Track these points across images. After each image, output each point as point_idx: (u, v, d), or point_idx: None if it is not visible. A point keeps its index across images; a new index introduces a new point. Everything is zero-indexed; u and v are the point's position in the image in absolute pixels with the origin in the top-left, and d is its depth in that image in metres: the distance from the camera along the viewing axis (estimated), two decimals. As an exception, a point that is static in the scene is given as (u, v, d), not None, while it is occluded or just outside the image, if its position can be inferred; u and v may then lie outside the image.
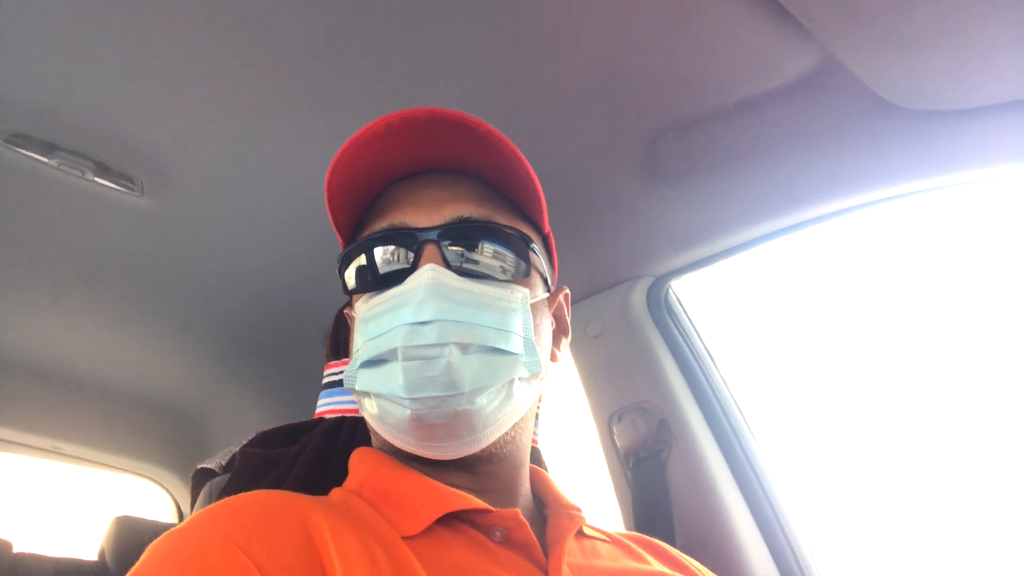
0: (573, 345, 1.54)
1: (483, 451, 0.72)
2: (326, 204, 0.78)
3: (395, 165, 0.78)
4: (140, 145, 1.22)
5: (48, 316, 1.76)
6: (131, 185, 1.32)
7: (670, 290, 1.51)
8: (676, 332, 1.48)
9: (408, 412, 0.68)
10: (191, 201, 1.37)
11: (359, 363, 0.73)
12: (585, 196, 1.30)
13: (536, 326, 0.77)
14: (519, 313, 0.74)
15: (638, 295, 1.48)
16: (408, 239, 0.74)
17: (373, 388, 0.71)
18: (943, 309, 1.41)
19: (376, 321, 0.72)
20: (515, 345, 0.72)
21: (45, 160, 1.24)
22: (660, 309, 1.49)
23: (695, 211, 1.32)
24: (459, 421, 0.69)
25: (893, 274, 1.49)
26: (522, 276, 0.77)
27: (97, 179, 1.29)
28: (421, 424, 0.69)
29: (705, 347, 1.47)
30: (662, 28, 0.96)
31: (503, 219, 0.78)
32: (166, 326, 1.82)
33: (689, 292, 1.52)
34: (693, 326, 1.49)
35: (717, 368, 1.45)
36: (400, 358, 0.68)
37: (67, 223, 1.44)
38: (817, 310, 1.61)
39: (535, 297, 0.78)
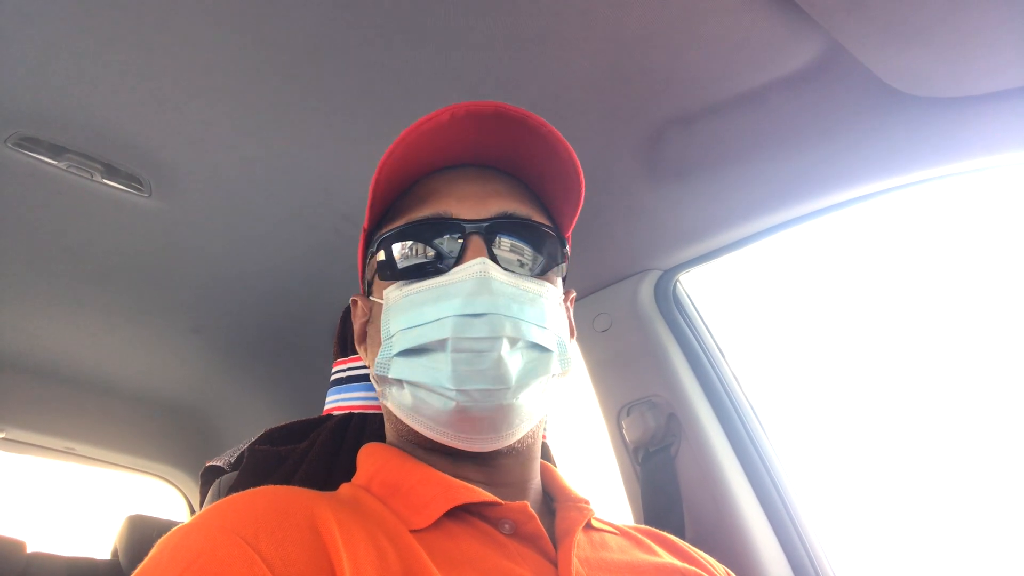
0: (581, 340, 1.54)
1: (511, 445, 0.74)
2: (371, 186, 0.77)
3: (452, 156, 0.79)
4: (148, 147, 1.23)
5: (60, 319, 1.78)
6: (139, 187, 1.33)
7: (678, 283, 1.50)
8: (684, 326, 1.47)
9: (452, 404, 0.69)
10: (199, 202, 1.38)
11: (394, 351, 0.72)
12: (591, 190, 1.29)
13: (563, 323, 0.79)
14: (554, 311, 0.76)
15: (646, 289, 1.48)
16: (455, 230, 0.74)
17: (413, 377, 0.71)
18: (953, 298, 1.40)
19: (417, 310, 0.72)
20: (552, 342, 0.74)
21: (54, 163, 1.25)
22: (668, 303, 1.49)
23: (702, 204, 1.31)
24: (501, 415, 0.70)
25: (902, 263, 1.48)
26: (556, 275, 0.79)
27: (106, 181, 1.30)
28: (464, 417, 0.69)
29: (714, 340, 1.47)
30: (664, 21, 0.96)
31: (540, 219, 0.79)
32: (176, 327, 1.83)
33: (697, 285, 1.51)
34: (702, 319, 1.49)
35: (726, 361, 1.45)
36: (450, 349, 0.68)
37: (77, 225, 1.45)
38: (825, 301, 1.60)
39: (560, 296, 0.80)
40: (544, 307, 0.74)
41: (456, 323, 0.69)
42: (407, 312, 0.72)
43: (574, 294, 0.92)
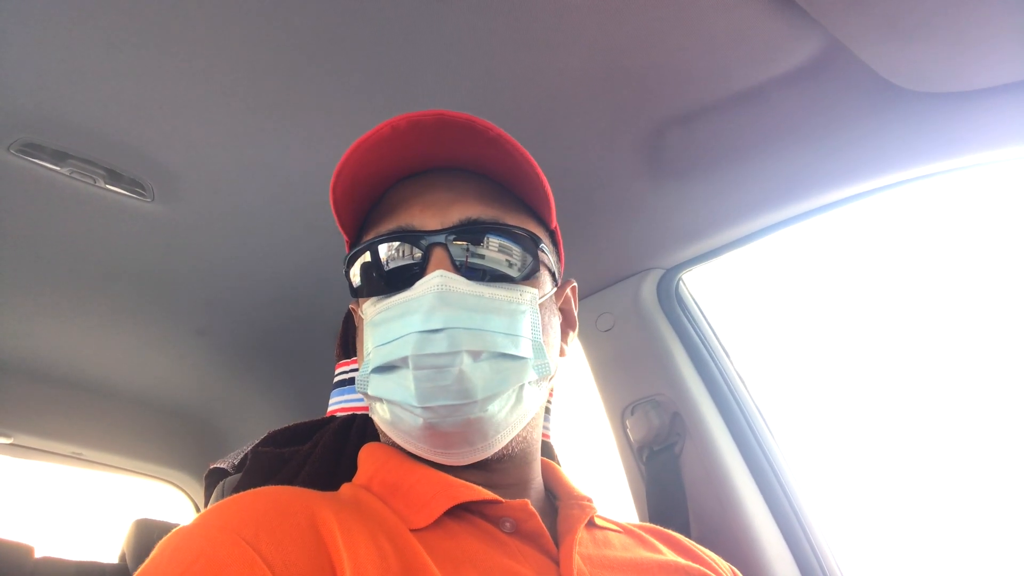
0: (584, 339, 1.54)
1: (497, 454, 0.73)
2: (332, 206, 0.78)
3: (402, 167, 0.78)
4: (151, 152, 1.23)
5: (64, 324, 1.79)
6: (143, 192, 1.33)
7: (681, 282, 1.50)
8: (688, 324, 1.47)
9: (420, 420, 0.68)
10: (202, 206, 1.38)
11: (370, 368, 0.72)
12: (592, 190, 1.30)
13: (544, 325, 0.77)
14: (528, 315, 0.74)
15: (648, 288, 1.48)
16: (416, 242, 0.73)
17: (385, 395, 0.71)
18: (956, 294, 1.40)
19: (385, 327, 0.71)
20: (524, 349, 0.72)
21: (57, 168, 1.26)
22: (671, 301, 1.49)
23: (704, 202, 1.31)
24: (472, 429, 0.69)
25: (906, 260, 1.48)
26: (531, 276, 0.76)
27: (109, 186, 1.31)
28: (434, 432, 0.69)
29: (717, 339, 1.47)
30: (661, 19, 0.96)
31: (512, 219, 0.77)
32: (180, 330, 1.84)
33: (700, 284, 1.51)
34: (705, 318, 1.49)
35: (730, 360, 1.44)
36: (411, 367, 0.68)
37: (80, 231, 1.45)
38: (829, 299, 1.59)
39: (543, 295, 0.78)
40: (513, 314, 0.72)
41: (416, 340, 0.68)
42: (379, 328, 0.72)
43: (573, 284, 0.90)
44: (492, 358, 0.69)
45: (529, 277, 0.76)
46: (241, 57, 1.04)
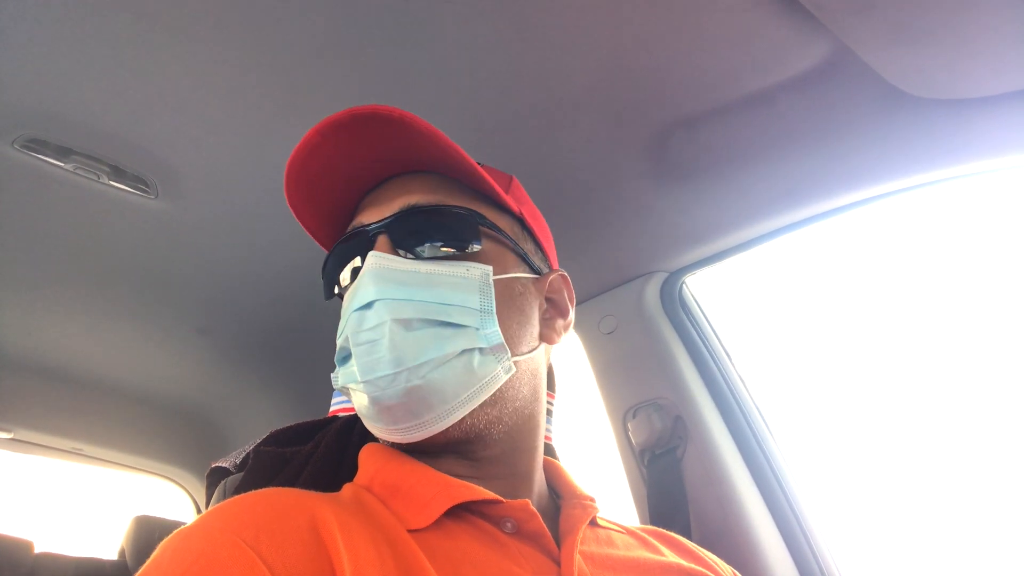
0: (587, 342, 1.54)
1: (459, 433, 0.71)
2: (299, 222, 0.83)
3: (343, 168, 0.79)
4: (154, 148, 1.23)
5: (67, 320, 1.79)
6: (146, 188, 1.33)
7: (684, 286, 1.50)
8: (691, 328, 1.47)
9: (366, 397, 0.70)
10: (206, 204, 1.38)
11: (336, 360, 0.76)
12: (596, 192, 1.30)
13: (508, 302, 0.76)
14: (475, 288, 0.73)
15: (652, 291, 1.48)
16: (362, 237, 0.77)
17: (344, 381, 0.74)
18: (959, 301, 1.39)
19: (342, 318, 0.75)
20: (468, 319, 0.72)
21: (61, 164, 1.26)
22: (674, 305, 1.48)
23: (708, 206, 1.31)
24: (413, 398, 0.69)
25: (909, 266, 1.48)
26: (475, 253, 0.76)
27: (112, 183, 1.31)
28: (379, 407, 0.70)
29: (720, 343, 1.46)
30: (668, 22, 0.96)
31: (456, 202, 0.78)
32: (183, 328, 1.84)
33: (703, 288, 1.51)
34: (708, 322, 1.48)
35: (732, 364, 1.44)
36: (351, 344, 0.71)
37: (84, 227, 1.45)
38: (832, 304, 1.59)
39: (504, 274, 0.77)
40: (455, 287, 0.72)
41: (354, 319, 0.71)
42: (340, 321, 0.75)
43: (563, 273, 0.88)
44: (427, 325, 0.70)
45: (474, 254, 0.76)
46: (246, 55, 1.04)
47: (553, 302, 0.87)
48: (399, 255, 0.74)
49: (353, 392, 0.73)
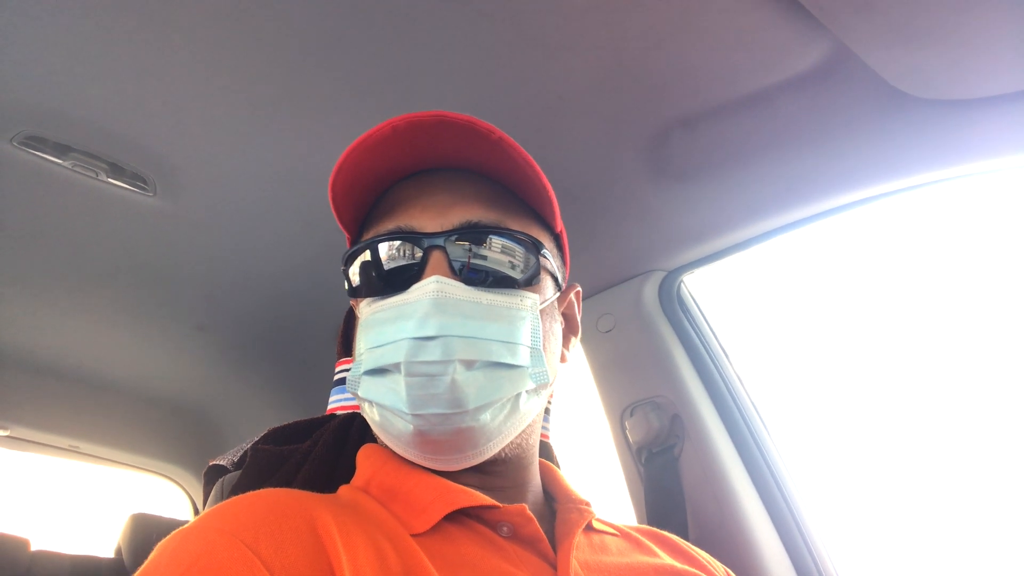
0: (585, 340, 1.54)
1: (487, 460, 0.72)
2: (331, 204, 0.77)
3: (402, 167, 0.77)
4: (153, 146, 1.23)
5: (64, 317, 1.78)
6: (144, 186, 1.33)
7: (682, 284, 1.50)
8: (688, 327, 1.47)
9: (411, 427, 0.68)
10: (204, 201, 1.38)
11: (362, 370, 0.72)
12: (595, 191, 1.30)
13: (545, 332, 0.75)
14: (527, 321, 0.72)
15: (650, 290, 1.48)
16: (414, 243, 0.72)
17: (376, 399, 0.70)
18: (958, 300, 1.40)
19: (379, 329, 0.70)
20: (522, 358, 0.70)
21: (60, 162, 1.25)
22: (672, 304, 1.48)
23: (707, 205, 1.31)
24: (463, 437, 0.68)
25: (907, 266, 1.48)
26: (532, 282, 0.75)
27: (111, 180, 1.31)
28: (424, 439, 0.68)
29: (718, 341, 1.47)
30: (668, 21, 0.96)
31: (514, 223, 0.76)
32: (181, 325, 1.84)
33: (701, 286, 1.51)
34: (706, 320, 1.49)
35: (730, 363, 1.44)
36: (403, 372, 0.66)
37: (82, 224, 1.45)
38: (830, 303, 1.59)
39: (545, 301, 0.77)
40: (512, 320, 0.71)
41: (410, 346, 0.66)
42: (372, 330, 0.71)
43: (578, 289, 0.88)
44: (486, 367, 0.68)
45: (530, 283, 0.75)
46: (244, 54, 1.04)
47: (567, 318, 0.87)
48: (454, 275, 0.70)
49: (390, 414, 0.70)
